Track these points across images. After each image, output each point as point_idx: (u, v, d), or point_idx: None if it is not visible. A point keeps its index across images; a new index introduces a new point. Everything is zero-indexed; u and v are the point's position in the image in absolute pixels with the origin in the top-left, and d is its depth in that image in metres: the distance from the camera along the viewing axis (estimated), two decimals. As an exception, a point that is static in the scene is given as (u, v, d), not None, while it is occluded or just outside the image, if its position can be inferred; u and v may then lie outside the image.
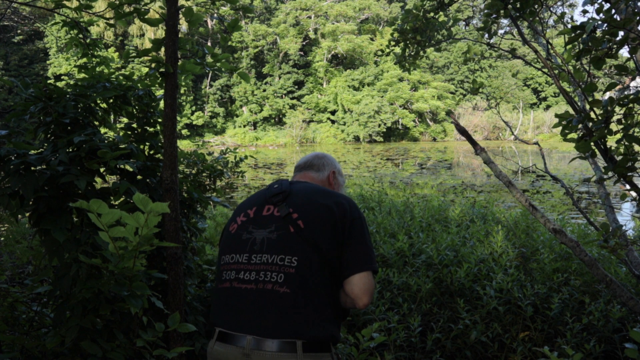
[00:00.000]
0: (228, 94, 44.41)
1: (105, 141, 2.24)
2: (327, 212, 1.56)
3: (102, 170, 2.22)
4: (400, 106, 41.39)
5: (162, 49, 2.33)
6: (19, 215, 2.04)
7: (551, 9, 3.08)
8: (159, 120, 2.60)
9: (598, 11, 2.17)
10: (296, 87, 44.97)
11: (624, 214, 6.60)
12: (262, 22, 46.45)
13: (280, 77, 44.36)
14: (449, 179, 16.03)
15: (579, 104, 2.90)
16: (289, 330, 1.41)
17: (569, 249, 2.84)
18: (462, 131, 3.27)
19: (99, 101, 2.44)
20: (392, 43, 4.50)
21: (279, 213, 1.59)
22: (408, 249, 3.94)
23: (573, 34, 2.21)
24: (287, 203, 1.61)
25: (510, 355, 3.02)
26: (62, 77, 33.32)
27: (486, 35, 3.37)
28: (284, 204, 1.60)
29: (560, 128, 2.36)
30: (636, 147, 2.21)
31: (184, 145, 25.09)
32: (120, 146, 2.23)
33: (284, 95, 44.43)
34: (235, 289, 1.51)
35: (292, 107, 43.80)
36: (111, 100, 2.49)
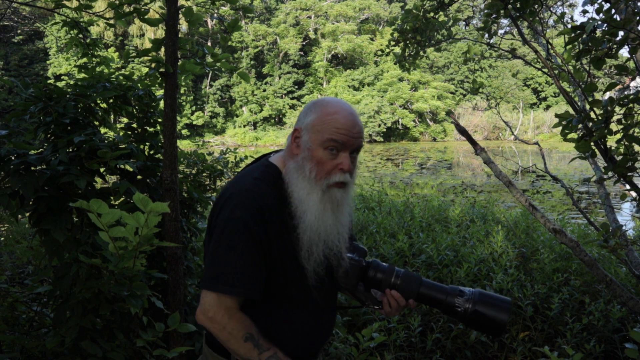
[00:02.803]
0: (228, 94, 44.39)
1: (105, 141, 2.24)
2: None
3: (102, 170, 2.22)
4: (400, 106, 41.35)
5: (162, 49, 2.33)
6: (19, 215, 2.04)
7: (551, 9, 3.08)
8: (159, 120, 2.60)
9: (598, 11, 2.17)
10: (296, 87, 44.94)
11: (624, 214, 6.60)
12: (262, 22, 46.43)
13: (280, 77, 44.34)
14: (449, 179, 16.03)
15: (579, 104, 2.90)
16: None
17: (569, 249, 2.84)
18: (462, 131, 3.27)
19: (99, 101, 2.44)
20: (392, 43, 4.50)
21: None
22: (408, 249, 3.94)
23: (573, 34, 2.21)
24: None
25: (510, 355, 3.02)
26: (62, 77, 33.30)
27: (486, 35, 3.37)
28: None
29: (560, 128, 2.36)
30: (636, 147, 2.21)
31: (184, 145, 25.08)
32: (120, 146, 2.23)
33: (284, 95, 44.41)
34: None
35: (292, 107, 43.77)
36: (111, 100, 2.49)
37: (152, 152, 2.61)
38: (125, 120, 2.63)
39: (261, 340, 1.29)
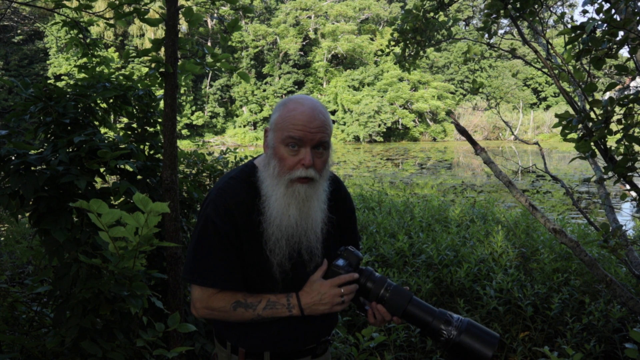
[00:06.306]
0: (228, 94, 44.38)
1: (105, 141, 2.24)
2: None
3: (102, 170, 2.22)
4: (400, 106, 41.33)
5: (162, 49, 2.33)
6: (19, 215, 2.04)
7: (551, 9, 3.08)
8: (159, 120, 2.60)
9: (598, 11, 2.17)
10: (296, 87, 44.92)
11: (624, 214, 6.60)
12: (262, 22, 46.42)
13: (280, 77, 44.33)
14: (449, 179, 16.03)
15: (579, 104, 2.90)
16: None
17: (569, 249, 2.84)
18: (462, 131, 3.27)
19: (99, 101, 2.44)
20: (392, 43, 4.50)
21: None
22: (408, 249, 3.94)
23: (573, 34, 2.20)
24: None
25: (510, 355, 3.02)
26: (62, 77, 33.28)
27: (486, 35, 3.37)
28: None
29: (560, 128, 2.36)
30: (636, 147, 2.21)
31: (184, 145, 25.06)
32: (120, 146, 2.23)
33: (284, 95, 44.34)
34: None
35: (292, 107, 43.64)
36: (111, 100, 2.49)
37: (152, 152, 2.61)
38: (125, 120, 2.63)
39: (248, 299, 1.36)
